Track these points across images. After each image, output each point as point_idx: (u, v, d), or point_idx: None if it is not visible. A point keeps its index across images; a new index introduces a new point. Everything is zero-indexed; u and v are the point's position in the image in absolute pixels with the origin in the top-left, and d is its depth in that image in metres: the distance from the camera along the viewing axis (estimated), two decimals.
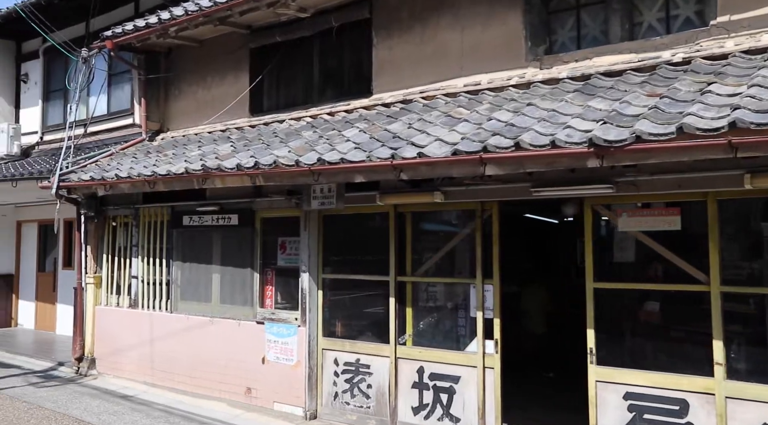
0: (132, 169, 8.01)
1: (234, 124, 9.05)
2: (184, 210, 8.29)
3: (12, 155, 13.16)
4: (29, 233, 13.88)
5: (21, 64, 14.20)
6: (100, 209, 9.30)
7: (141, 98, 10.08)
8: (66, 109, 13.18)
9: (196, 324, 7.99)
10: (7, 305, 13.84)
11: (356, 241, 7.24)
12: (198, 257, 8.19)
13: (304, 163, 6.04)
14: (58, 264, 13.01)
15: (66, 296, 12.72)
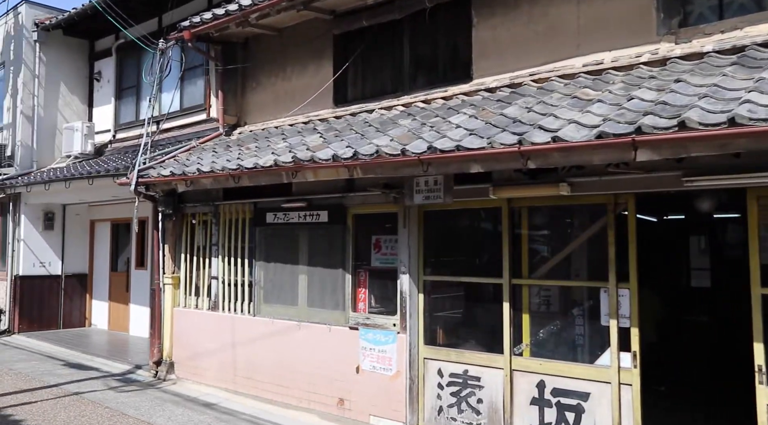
0: (214, 163, 7.56)
1: (317, 115, 8.52)
2: (267, 207, 7.80)
3: (86, 153, 13.04)
4: (102, 233, 13.76)
5: (94, 62, 14.11)
6: (178, 207, 8.91)
7: (218, 91, 9.67)
8: (138, 106, 13.01)
9: (281, 328, 7.48)
10: (82, 305, 13.74)
11: (461, 239, 6.58)
12: (283, 257, 7.67)
13: (411, 152, 5.41)
14: (131, 264, 12.80)
15: (139, 297, 12.51)
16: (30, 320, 12.98)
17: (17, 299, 12.92)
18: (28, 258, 13.06)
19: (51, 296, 13.32)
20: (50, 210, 13.40)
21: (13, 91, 13.59)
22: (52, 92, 13.71)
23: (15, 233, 13.15)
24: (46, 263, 13.29)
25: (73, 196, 12.18)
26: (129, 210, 13.01)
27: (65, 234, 13.62)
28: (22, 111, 13.31)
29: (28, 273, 13.02)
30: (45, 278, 13.26)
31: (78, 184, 10.92)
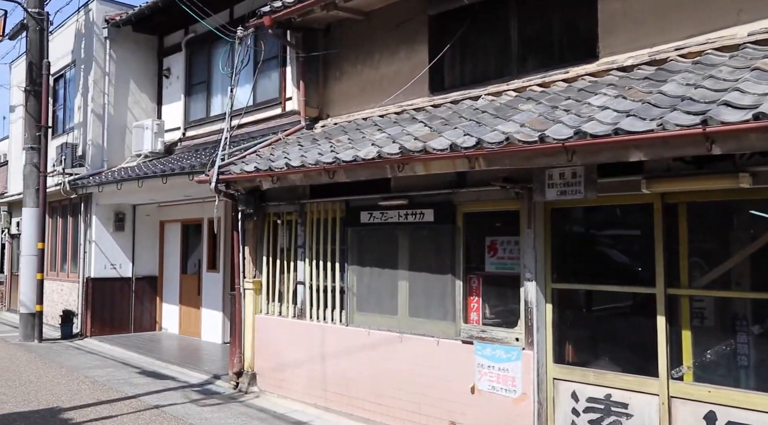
0: (304, 157, 6.87)
1: (410, 105, 7.75)
2: (362, 205, 7.06)
3: (156, 152, 12.63)
4: (172, 234, 13.35)
5: (162, 59, 13.73)
6: (259, 206, 8.28)
7: (299, 82, 9.01)
8: (208, 103, 12.52)
9: (379, 340, 6.72)
10: (152, 309, 13.36)
11: (597, 242, 5.69)
12: (380, 261, 6.92)
13: (553, 138, 4.57)
14: (203, 266, 12.32)
15: (211, 301, 12.01)
16: (102, 323, 12.65)
17: (89, 302, 12.61)
18: (100, 260, 12.74)
19: (122, 299, 12.97)
20: (121, 211, 13.06)
21: (84, 90, 13.32)
22: (121, 90, 13.38)
23: (86, 235, 12.85)
24: (116, 265, 12.95)
25: (145, 196, 11.77)
26: (199, 210, 12.58)
27: (135, 235, 13.26)
28: (93, 110, 13.01)
29: (99, 275, 12.69)
30: (116, 281, 12.92)
31: (151, 183, 10.46)
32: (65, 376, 8.90)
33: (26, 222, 12.33)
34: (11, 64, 17.61)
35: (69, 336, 12.49)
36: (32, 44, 12.57)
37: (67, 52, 14.11)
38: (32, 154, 12.38)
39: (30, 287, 12.15)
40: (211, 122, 12.34)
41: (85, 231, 12.87)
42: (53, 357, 10.36)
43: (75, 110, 13.75)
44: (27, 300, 12.12)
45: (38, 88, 12.47)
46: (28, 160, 12.39)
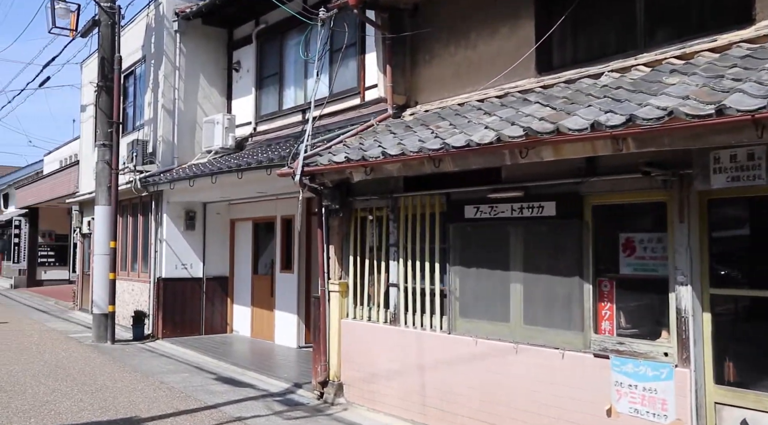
0: (402, 145, 6.15)
1: (514, 87, 6.94)
2: (467, 198, 6.29)
3: (227, 147, 12.19)
4: (243, 233, 12.89)
5: (232, 52, 13.30)
6: (345, 201, 7.61)
7: (385, 66, 8.30)
8: (281, 95, 11.98)
9: (489, 350, 5.94)
10: (223, 310, 12.93)
11: None
12: (488, 261, 6.14)
13: (737, 109, 3.70)
14: (276, 267, 11.78)
15: (285, 303, 11.46)
16: (173, 325, 12.28)
17: (160, 303, 12.26)
18: (171, 260, 12.37)
19: (193, 300, 12.58)
20: (191, 209, 12.67)
21: (154, 86, 13.00)
22: (191, 85, 13.01)
23: (157, 234, 12.51)
24: (187, 265, 12.56)
25: (216, 193, 11.32)
26: (272, 208, 12.06)
27: (206, 234, 12.85)
28: (163, 105, 12.67)
29: (170, 275, 12.33)
30: (187, 281, 12.53)
31: (226, 179, 9.97)
32: (141, 381, 8.46)
33: (98, 220, 12.07)
34: (82, 63, 17.59)
35: (140, 338, 12.16)
36: (104, 39, 12.31)
37: (137, 49, 13.86)
38: (104, 151, 12.11)
39: (102, 287, 11.87)
40: (283, 115, 11.81)
41: (156, 230, 12.54)
42: (127, 360, 9.98)
43: (145, 107, 13.47)
44: (100, 301, 11.84)
45: (110, 83, 12.20)
46: (100, 157, 12.13)
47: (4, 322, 14.49)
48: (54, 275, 25.69)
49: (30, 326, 14.05)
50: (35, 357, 10.04)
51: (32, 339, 12.10)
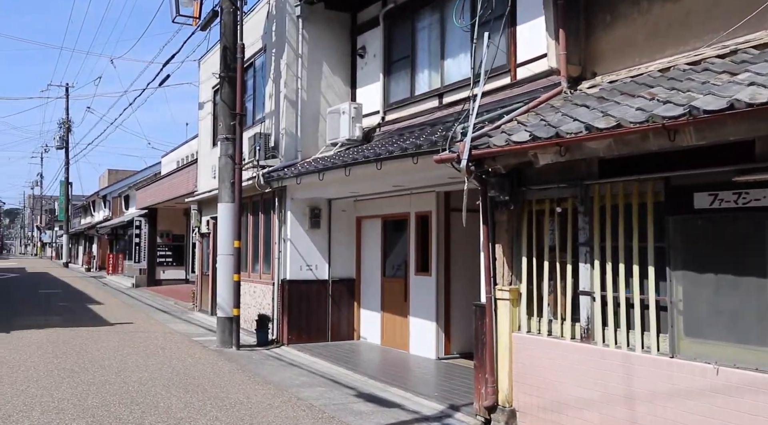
0: (609, 116, 4.82)
1: (746, 42, 5.42)
2: (697, 183, 4.87)
3: (354, 139, 11.24)
4: (371, 231, 11.90)
5: (356, 37, 12.36)
6: (517, 191, 6.35)
7: (557, 32, 6.94)
8: (413, 80, 10.89)
9: (737, 383, 4.49)
10: (350, 315, 12.00)
11: None
12: (732, 264, 4.69)
13: None
14: (410, 269, 10.69)
15: (421, 309, 10.34)
16: (298, 330, 11.47)
17: (285, 307, 11.48)
18: (295, 260, 11.57)
19: (319, 304, 11.72)
20: (316, 206, 11.82)
21: (276, 76, 12.28)
22: (314, 73, 12.19)
23: (281, 233, 11.75)
24: (312, 266, 11.72)
25: (346, 188, 10.37)
26: (404, 204, 10.96)
27: (331, 233, 11.98)
28: (286, 96, 11.90)
29: (295, 277, 11.53)
30: (312, 283, 11.69)
31: (361, 171, 8.97)
32: (276, 396, 7.57)
33: (222, 218, 11.45)
34: (200, 60, 17.33)
35: (265, 343, 11.43)
36: (226, 28, 11.70)
37: (256, 39, 13.22)
38: (226, 145, 11.47)
39: (227, 289, 11.23)
40: (416, 102, 10.72)
41: (280, 229, 11.79)
42: (256, 370, 9.18)
43: (265, 99, 12.79)
44: (224, 303, 11.20)
45: (232, 74, 11.56)
46: (222, 151, 11.51)
47: (129, 322, 14.29)
48: (171, 275, 26.02)
49: (153, 327, 13.74)
50: (162, 363, 9.45)
51: (157, 341, 11.66)
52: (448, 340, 10.11)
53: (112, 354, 10.10)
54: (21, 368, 8.90)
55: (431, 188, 9.97)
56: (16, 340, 11.41)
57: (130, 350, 10.60)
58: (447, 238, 10.20)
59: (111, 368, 9.02)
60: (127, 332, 12.78)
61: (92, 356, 9.93)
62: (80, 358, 9.72)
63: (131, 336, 12.24)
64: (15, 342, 11.26)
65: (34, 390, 7.58)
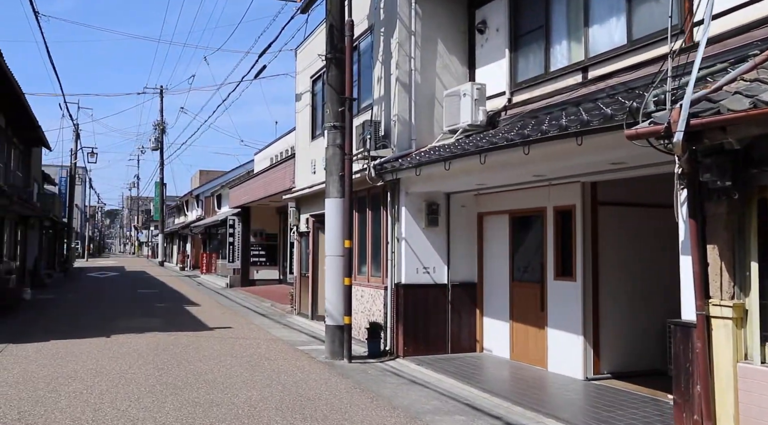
0: None
1: None
2: None
3: (476, 124, 9.86)
4: (496, 229, 10.46)
5: (475, 11, 10.95)
6: (742, 175, 4.77)
7: None
8: (547, 54, 9.41)
9: None
10: (471, 324, 10.61)
11: None
12: None
13: None
14: (547, 272, 9.18)
15: (562, 319, 8.82)
16: (415, 340, 10.19)
17: (399, 314, 10.23)
18: (411, 262, 10.30)
19: (438, 311, 10.40)
20: (434, 201, 10.50)
21: (386, 57, 11.05)
22: (428, 54, 10.89)
23: (394, 231, 10.51)
24: (429, 268, 10.41)
25: (473, 179, 9.01)
26: (539, 197, 9.37)
27: (450, 231, 10.63)
28: (398, 78, 10.64)
29: (411, 281, 10.25)
30: (430, 288, 10.39)
31: (501, 157, 7.57)
32: None
33: (330, 216, 10.32)
34: (296, 49, 16.41)
35: (377, 354, 10.23)
36: (332, 5, 10.55)
37: (362, 20, 12.02)
38: (334, 134, 10.33)
39: (336, 294, 10.09)
40: (552, 79, 9.24)
41: (393, 227, 10.54)
42: (376, 389, 7.96)
43: (374, 84, 11.58)
44: (333, 310, 10.07)
45: (339, 54, 10.40)
46: (329, 141, 10.38)
47: (228, 327, 13.48)
48: (265, 275, 25.47)
49: (254, 332, 12.84)
50: (270, 378, 8.40)
51: (260, 350, 10.68)
52: (598, 357, 8.55)
53: (215, 366, 9.15)
54: (121, 381, 8.05)
55: (576, 177, 8.43)
56: (116, 346, 10.72)
57: (233, 360, 9.64)
58: (594, 237, 8.65)
59: (216, 383, 8.04)
60: (228, 338, 11.92)
61: (195, 367, 9.01)
62: (182, 370, 8.82)
63: (232, 343, 11.35)
64: (115, 348, 10.57)
65: (135, 412, 6.64)
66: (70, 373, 8.51)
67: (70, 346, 10.70)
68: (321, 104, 14.57)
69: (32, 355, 9.85)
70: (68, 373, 8.51)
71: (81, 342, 11.17)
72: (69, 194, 37.10)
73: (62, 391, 7.49)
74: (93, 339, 11.42)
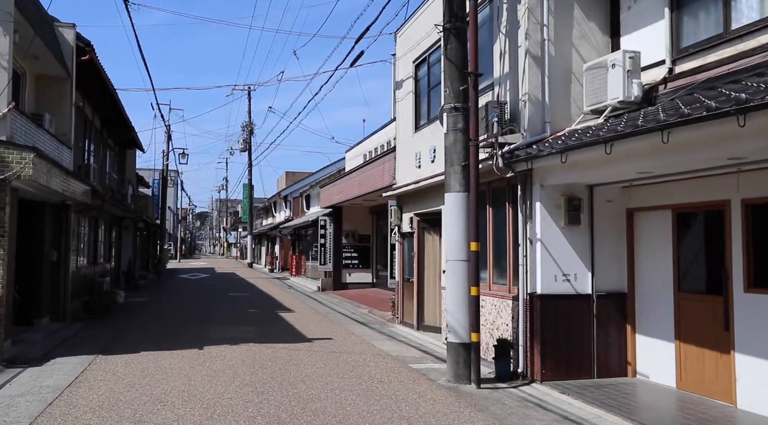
0: None
1: None
2: None
3: (629, 101, 8.13)
4: (652, 228, 8.60)
5: None
6: None
7: None
8: (727, 10, 7.48)
9: None
10: (620, 343, 8.80)
11: None
12: None
13: None
14: (732, 282, 7.26)
15: (757, 343, 6.89)
16: (555, 361, 8.50)
17: (535, 330, 8.56)
18: (548, 268, 8.61)
19: (581, 326, 8.66)
20: (575, 195, 8.78)
21: (511, 26, 9.41)
22: (563, 20, 9.19)
23: (525, 231, 8.85)
24: (570, 275, 8.70)
25: (638, 165, 7.18)
26: (716, 188, 7.34)
27: (593, 231, 8.87)
28: (528, 50, 8.98)
29: (548, 291, 8.57)
30: (571, 299, 8.67)
31: (694, 133, 5.79)
32: None
33: (451, 213, 8.78)
34: (396, 33, 15.00)
35: (506, 377, 8.62)
36: None
37: None
38: (455, 117, 8.79)
39: (459, 306, 8.54)
40: (731, 40, 7.33)
41: (524, 226, 8.89)
42: None
43: (495, 59, 9.95)
44: (457, 325, 8.52)
45: (459, 23, 8.85)
46: (449, 125, 8.83)
47: (328, 338, 12.20)
48: (358, 278, 24.27)
49: (357, 345, 11.48)
50: (389, 409, 6.96)
51: (368, 368, 9.29)
52: None
53: (321, 390, 7.81)
54: (217, 410, 6.80)
55: None
56: (209, 361, 9.61)
57: (340, 382, 8.28)
58: None
59: (326, 415, 6.66)
60: (330, 352, 10.60)
61: (298, 392, 7.70)
62: (285, 395, 7.51)
63: (335, 358, 10.01)
64: (208, 363, 9.45)
65: None
66: (159, 396, 7.38)
67: (161, 359, 9.67)
68: (426, 90, 13.11)
69: (120, 370, 8.85)
70: (158, 396, 7.38)
71: (172, 354, 10.14)
72: (161, 195, 37.43)
73: (149, 423, 6.31)
74: (184, 351, 10.38)
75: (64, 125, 13.87)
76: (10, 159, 9.58)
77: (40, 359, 9.67)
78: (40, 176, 10.10)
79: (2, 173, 9.52)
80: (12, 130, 10.04)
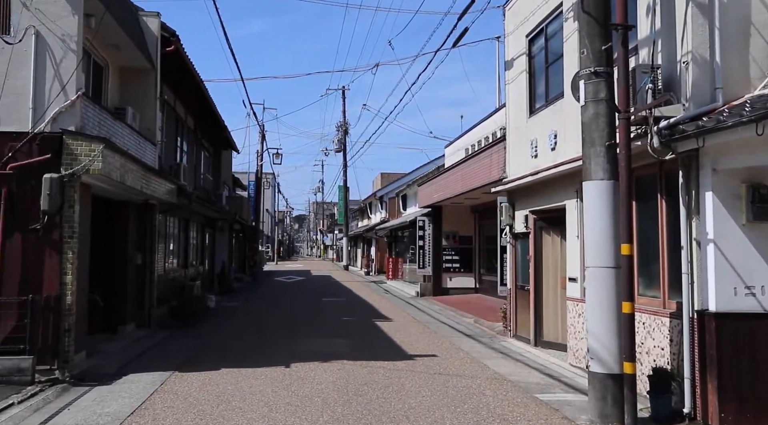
0: None
1: None
2: None
3: None
4: None
5: None
6: None
7: None
8: None
9: None
10: None
11: None
12: None
13: None
14: None
15: None
16: (738, 403, 6.42)
17: (709, 358, 6.52)
18: (724, 278, 6.55)
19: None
20: (761, 182, 6.66)
21: None
22: None
23: (690, 230, 6.82)
24: (756, 287, 6.59)
25: None
26: None
27: None
28: None
29: (726, 308, 6.51)
30: (759, 319, 6.56)
31: None
32: None
33: (593, 206, 6.90)
34: (504, 6, 13.17)
35: (666, 418, 6.64)
36: None
37: None
38: (596, 84, 6.89)
39: (606, 326, 6.64)
40: None
41: (687, 223, 6.86)
42: None
43: (639, 14, 7.96)
44: (602, 350, 6.62)
45: None
46: (589, 95, 6.95)
47: (432, 355, 10.54)
48: (459, 283, 22.46)
49: (466, 365, 9.75)
50: None
51: (485, 399, 7.56)
52: None
53: None
54: None
55: None
56: (296, 384, 8.20)
57: (453, 419, 6.60)
58: None
59: None
60: (436, 374, 8.94)
61: None
62: None
63: (444, 383, 8.34)
64: (295, 387, 8.04)
65: None
66: None
67: (241, 380, 8.37)
68: (543, 67, 11.22)
69: (194, 394, 7.60)
70: None
71: (255, 372, 8.84)
72: (256, 195, 37.17)
73: None
74: (269, 370, 9.04)
75: (148, 119, 13.02)
76: (79, 151, 8.59)
77: (112, 375, 8.63)
78: (112, 170, 9.08)
79: (70, 167, 8.55)
80: (83, 120, 9.07)
